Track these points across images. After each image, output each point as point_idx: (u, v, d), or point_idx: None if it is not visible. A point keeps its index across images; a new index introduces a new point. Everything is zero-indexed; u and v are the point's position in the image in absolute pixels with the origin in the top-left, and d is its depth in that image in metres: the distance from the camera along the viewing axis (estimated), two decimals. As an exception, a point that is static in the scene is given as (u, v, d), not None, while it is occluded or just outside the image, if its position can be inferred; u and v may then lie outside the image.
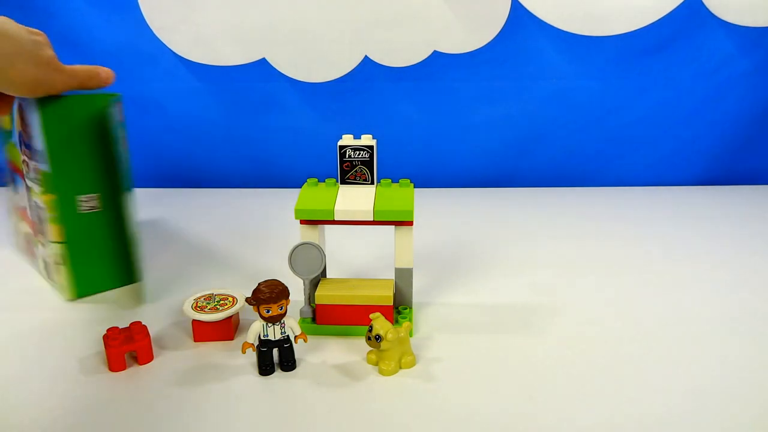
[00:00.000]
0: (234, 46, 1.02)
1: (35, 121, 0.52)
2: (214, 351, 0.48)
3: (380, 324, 0.43)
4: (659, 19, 0.97)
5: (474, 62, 1.01)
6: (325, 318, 0.50)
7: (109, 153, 0.55)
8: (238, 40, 1.02)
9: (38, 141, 0.52)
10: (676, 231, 0.82)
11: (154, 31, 1.01)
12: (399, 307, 0.52)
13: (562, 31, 0.99)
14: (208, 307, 0.49)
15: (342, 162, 0.51)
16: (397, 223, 0.50)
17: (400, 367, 0.45)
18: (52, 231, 0.55)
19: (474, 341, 0.50)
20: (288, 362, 0.45)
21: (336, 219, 0.49)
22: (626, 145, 1.08)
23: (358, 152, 0.51)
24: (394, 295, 0.51)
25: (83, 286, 0.58)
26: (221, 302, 0.51)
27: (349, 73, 1.03)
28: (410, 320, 0.50)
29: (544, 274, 0.66)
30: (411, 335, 0.49)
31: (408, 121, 1.07)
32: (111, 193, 0.57)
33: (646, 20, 0.97)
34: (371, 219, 0.49)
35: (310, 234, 0.51)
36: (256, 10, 0.99)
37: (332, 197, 0.50)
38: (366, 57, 1.02)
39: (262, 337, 0.44)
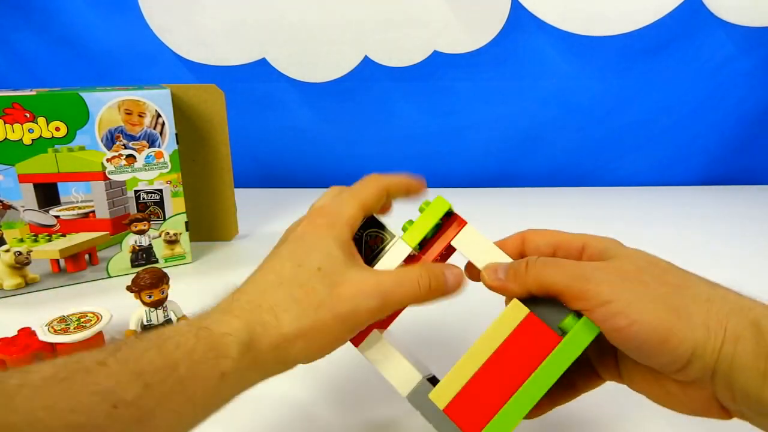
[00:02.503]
0: (234, 46, 1.02)
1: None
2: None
3: None
4: (659, 19, 0.97)
5: (474, 62, 1.01)
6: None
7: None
8: (238, 40, 1.02)
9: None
10: (676, 231, 0.82)
11: (154, 31, 1.01)
12: None
13: (562, 31, 0.99)
14: (72, 327, 0.47)
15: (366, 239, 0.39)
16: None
17: None
18: (175, 204, 0.67)
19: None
20: None
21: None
22: (626, 145, 1.08)
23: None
24: None
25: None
26: (82, 321, 0.48)
27: (349, 73, 1.03)
28: None
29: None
30: None
31: (408, 121, 1.07)
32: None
33: (646, 20, 0.97)
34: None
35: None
36: (256, 10, 0.99)
37: None
38: (366, 57, 1.02)
39: (145, 323, 0.47)
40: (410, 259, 0.37)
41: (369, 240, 0.39)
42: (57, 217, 0.62)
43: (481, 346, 0.32)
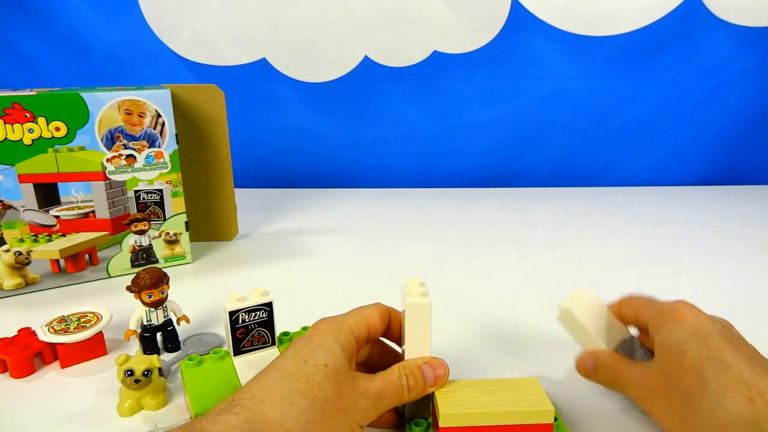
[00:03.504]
0: (234, 46, 1.02)
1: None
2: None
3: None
4: (659, 19, 0.97)
5: (474, 62, 1.01)
6: None
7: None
8: (238, 40, 1.02)
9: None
10: (676, 231, 0.82)
11: (154, 31, 1.01)
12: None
13: (562, 31, 0.99)
14: (72, 327, 0.46)
15: (235, 329, 0.41)
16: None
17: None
18: (175, 205, 0.67)
19: (476, 336, 0.50)
20: (172, 344, 0.48)
21: None
22: (626, 145, 1.08)
23: (254, 314, 0.41)
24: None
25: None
26: (82, 321, 0.48)
27: (349, 73, 1.03)
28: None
29: (544, 274, 0.66)
30: None
31: (408, 121, 1.07)
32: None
33: (646, 20, 0.97)
34: None
35: None
36: (256, 10, 0.99)
37: (233, 379, 0.40)
38: (366, 57, 1.02)
39: (144, 323, 0.47)
40: None
41: (255, 335, 0.42)
42: (57, 217, 0.62)
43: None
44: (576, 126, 1.06)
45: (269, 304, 0.42)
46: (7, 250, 0.59)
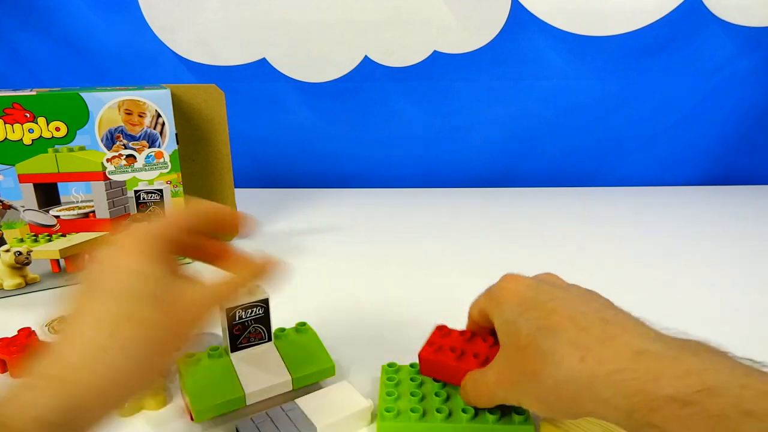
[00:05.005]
0: (234, 46, 1.02)
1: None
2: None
3: None
4: (659, 19, 0.97)
5: (474, 62, 1.01)
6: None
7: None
8: (238, 40, 1.02)
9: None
10: (676, 231, 0.82)
11: (155, 31, 1.01)
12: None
13: (562, 31, 0.99)
14: None
15: (232, 326, 0.41)
16: None
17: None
18: (176, 205, 0.66)
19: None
20: None
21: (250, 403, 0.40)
22: (626, 145, 1.08)
23: (250, 310, 0.42)
24: None
25: None
26: None
27: (349, 73, 1.03)
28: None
29: (544, 274, 0.66)
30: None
31: (408, 121, 1.07)
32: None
33: (646, 20, 0.97)
34: (291, 389, 0.42)
35: None
36: (256, 10, 0.99)
37: (231, 376, 0.40)
38: (366, 57, 1.02)
39: None
40: None
41: (252, 331, 0.41)
42: (57, 217, 0.62)
43: None
44: (576, 126, 1.06)
45: (266, 300, 0.42)
46: (7, 250, 0.59)
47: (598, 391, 0.28)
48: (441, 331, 0.44)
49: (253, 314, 0.41)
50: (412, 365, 0.44)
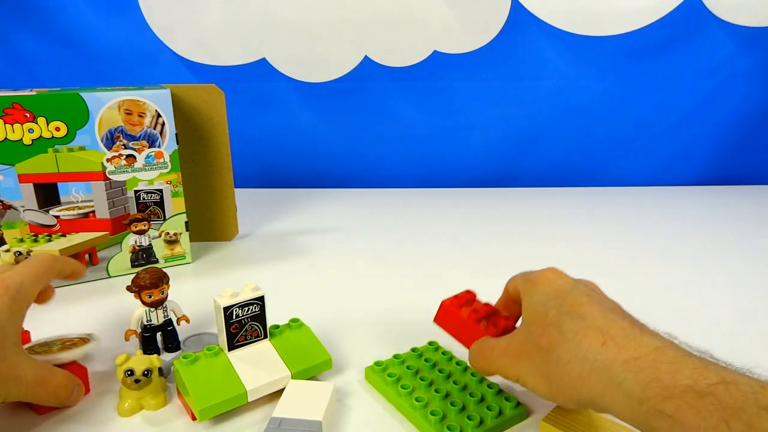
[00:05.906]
0: (234, 46, 1.02)
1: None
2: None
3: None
4: (659, 19, 0.97)
5: (474, 62, 1.01)
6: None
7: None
8: (238, 40, 1.02)
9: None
10: (676, 231, 0.82)
11: (154, 31, 1.01)
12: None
13: (562, 31, 0.99)
14: (55, 348, 0.42)
15: (229, 324, 0.41)
16: None
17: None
18: (175, 205, 0.67)
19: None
20: (172, 344, 0.49)
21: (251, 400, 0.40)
22: (626, 145, 1.08)
23: (247, 308, 0.42)
24: None
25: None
26: (66, 343, 0.44)
27: (349, 73, 1.03)
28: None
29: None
30: None
31: (408, 121, 1.07)
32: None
33: (646, 20, 0.97)
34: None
35: None
36: (256, 10, 0.99)
37: (231, 374, 0.40)
38: (366, 57, 1.02)
39: (145, 323, 0.47)
40: None
41: (248, 329, 0.42)
42: (57, 217, 0.62)
43: None
44: (576, 126, 1.06)
45: (261, 298, 0.42)
46: (7, 250, 0.59)
47: (614, 374, 0.29)
48: (469, 294, 0.45)
49: (249, 312, 0.42)
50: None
